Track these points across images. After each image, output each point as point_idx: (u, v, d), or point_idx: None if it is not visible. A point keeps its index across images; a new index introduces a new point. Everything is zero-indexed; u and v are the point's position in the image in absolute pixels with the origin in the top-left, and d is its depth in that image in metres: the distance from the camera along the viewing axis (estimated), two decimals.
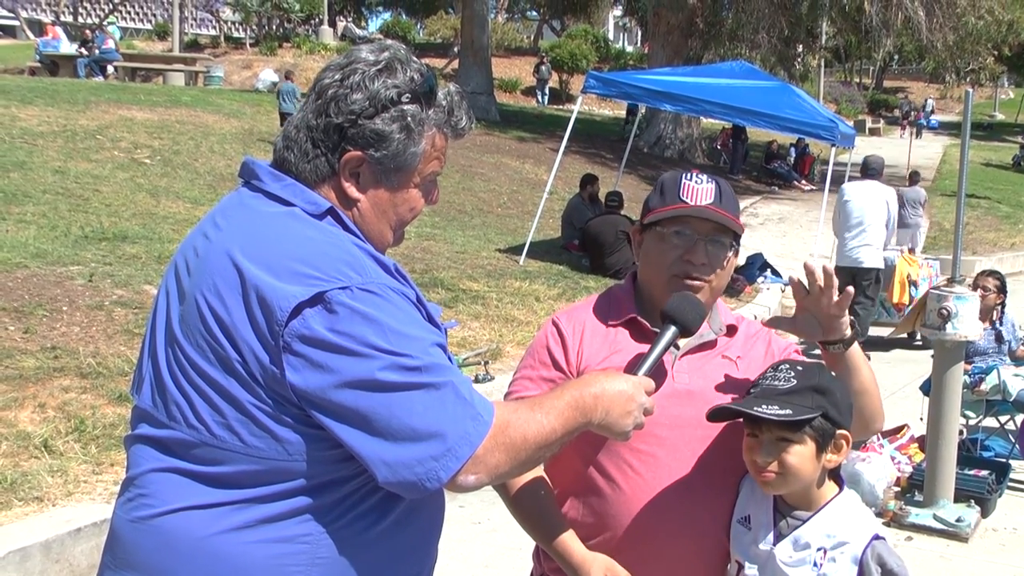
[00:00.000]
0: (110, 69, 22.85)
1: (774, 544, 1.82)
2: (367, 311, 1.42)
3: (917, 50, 31.24)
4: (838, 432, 1.80)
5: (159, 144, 13.43)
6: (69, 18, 33.34)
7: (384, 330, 1.42)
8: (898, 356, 8.55)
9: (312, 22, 35.81)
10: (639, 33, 52.63)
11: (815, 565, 1.78)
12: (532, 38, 45.93)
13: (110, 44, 23.93)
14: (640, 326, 1.93)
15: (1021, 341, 6.35)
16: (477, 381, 5.95)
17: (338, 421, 1.43)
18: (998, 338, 6.21)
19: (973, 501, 4.92)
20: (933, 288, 5.28)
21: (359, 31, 38.71)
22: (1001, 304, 6.24)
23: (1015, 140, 32.96)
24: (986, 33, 21.69)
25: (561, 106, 30.72)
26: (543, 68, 31.71)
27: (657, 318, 1.88)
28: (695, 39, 21.24)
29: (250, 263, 1.47)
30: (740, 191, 18.69)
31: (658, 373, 1.79)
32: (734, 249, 1.93)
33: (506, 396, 1.97)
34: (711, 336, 1.94)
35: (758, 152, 23.35)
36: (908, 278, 9.21)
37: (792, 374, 1.78)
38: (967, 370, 5.70)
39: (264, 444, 1.46)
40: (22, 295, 6.04)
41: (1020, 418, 5.76)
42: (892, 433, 5.67)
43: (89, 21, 33.25)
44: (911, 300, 8.84)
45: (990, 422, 6.03)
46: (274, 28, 34.64)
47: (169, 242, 8.25)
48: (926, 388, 5.51)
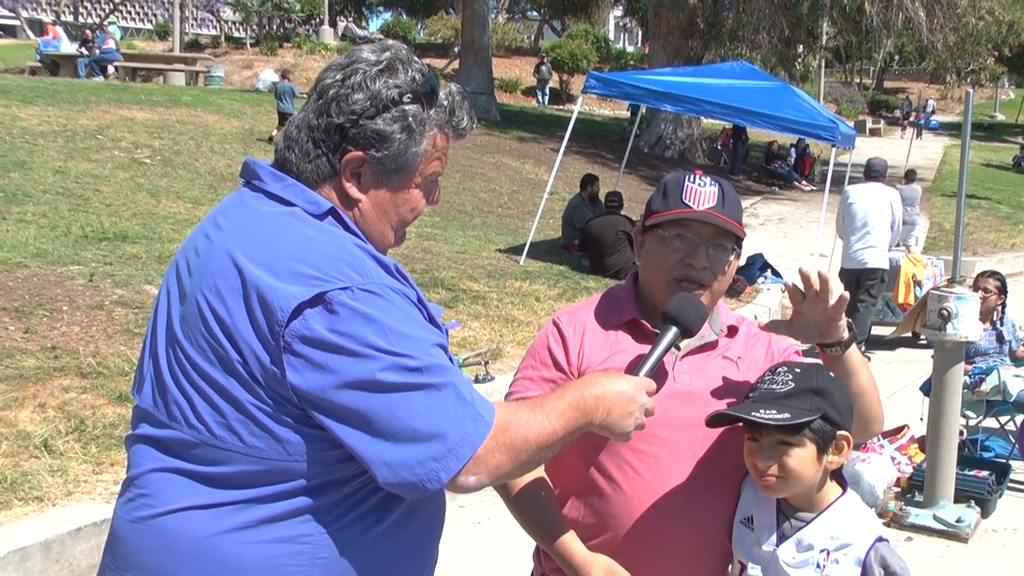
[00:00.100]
0: (110, 69, 22.83)
1: (777, 545, 1.81)
2: (368, 311, 1.42)
3: (918, 51, 31.26)
4: (838, 433, 1.79)
5: (159, 144, 13.43)
6: (69, 18, 33.35)
7: (385, 331, 1.42)
8: (898, 356, 8.55)
9: (313, 22, 35.83)
10: (640, 33, 52.64)
11: (818, 567, 1.78)
12: (532, 38, 45.95)
13: (110, 44, 23.93)
14: (641, 327, 1.93)
15: (1022, 342, 6.35)
16: (477, 381, 5.95)
17: (338, 422, 1.42)
18: (999, 338, 6.21)
19: (973, 502, 4.92)
20: (933, 289, 5.27)
21: (360, 31, 38.70)
22: (1002, 304, 6.25)
23: (1015, 141, 32.95)
24: (986, 34, 21.69)
25: (561, 106, 30.71)
26: (543, 68, 31.70)
27: (658, 319, 1.88)
28: (696, 39, 21.23)
29: (251, 263, 1.47)
30: (740, 191, 18.67)
31: (659, 374, 1.79)
32: (735, 253, 1.93)
33: (507, 396, 1.97)
34: (712, 337, 1.94)
35: (758, 152, 23.34)
36: (913, 278, 9.23)
37: (790, 377, 1.78)
38: (967, 371, 5.70)
39: (264, 444, 1.46)
40: (22, 295, 6.04)
41: (1020, 419, 5.76)
42: (892, 433, 5.66)
43: (90, 21, 33.26)
44: (916, 300, 8.85)
45: (990, 423, 6.02)
46: (274, 28, 34.65)
47: (169, 242, 8.25)
48: (926, 388, 5.51)
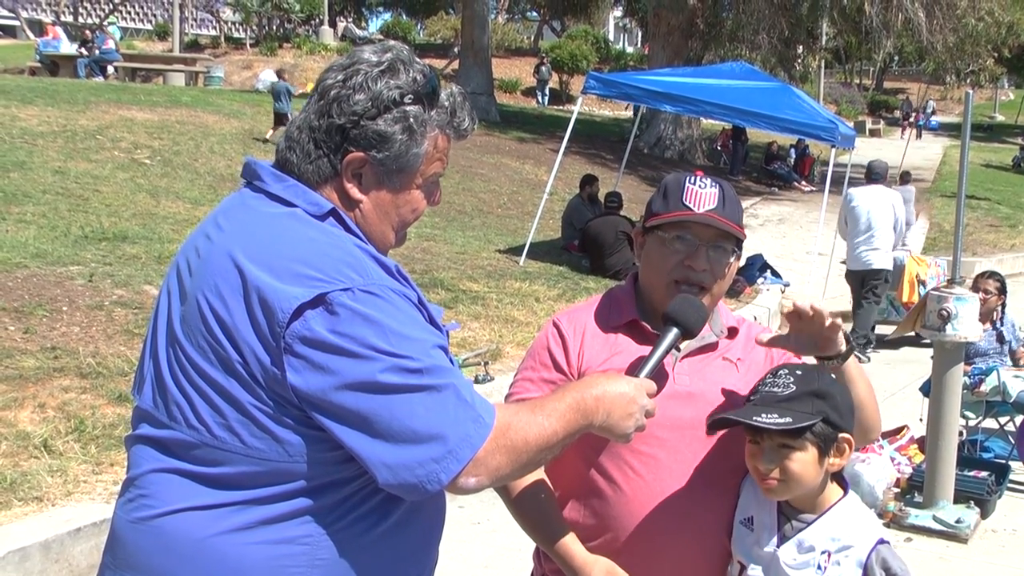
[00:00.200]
0: (110, 69, 22.83)
1: (778, 546, 1.81)
2: (368, 313, 1.42)
3: (917, 51, 31.29)
4: (840, 436, 1.79)
5: (159, 144, 13.42)
6: (69, 18, 33.34)
7: (385, 332, 1.42)
8: (897, 357, 8.54)
9: (312, 22, 35.84)
10: (639, 34, 52.65)
11: (819, 568, 1.77)
12: (532, 39, 45.94)
13: (110, 44, 23.93)
14: (641, 328, 1.93)
15: (1022, 342, 6.36)
16: (477, 382, 5.95)
17: (339, 423, 1.42)
18: (999, 339, 6.21)
19: (973, 502, 4.92)
20: (933, 289, 5.28)
21: (359, 32, 38.69)
22: (1002, 305, 6.25)
23: (1015, 141, 32.94)
24: (986, 35, 21.70)
25: (561, 107, 30.71)
26: (543, 69, 31.70)
27: (658, 321, 1.88)
28: (695, 40, 21.23)
29: (252, 264, 1.46)
30: (740, 192, 18.56)
31: (659, 375, 1.79)
32: (736, 255, 1.93)
33: (507, 397, 1.97)
34: (712, 338, 1.94)
35: (758, 153, 23.34)
36: (917, 277, 9.26)
37: (791, 379, 1.77)
38: (967, 371, 5.70)
39: (264, 445, 1.46)
40: (22, 295, 6.04)
41: (1020, 419, 5.76)
42: (892, 434, 5.66)
43: (89, 21, 33.25)
44: (920, 299, 8.89)
45: (990, 423, 6.02)
46: (274, 28, 34.67)
47: (169, 242, 8.25)
48: (926, 389, 5.51)
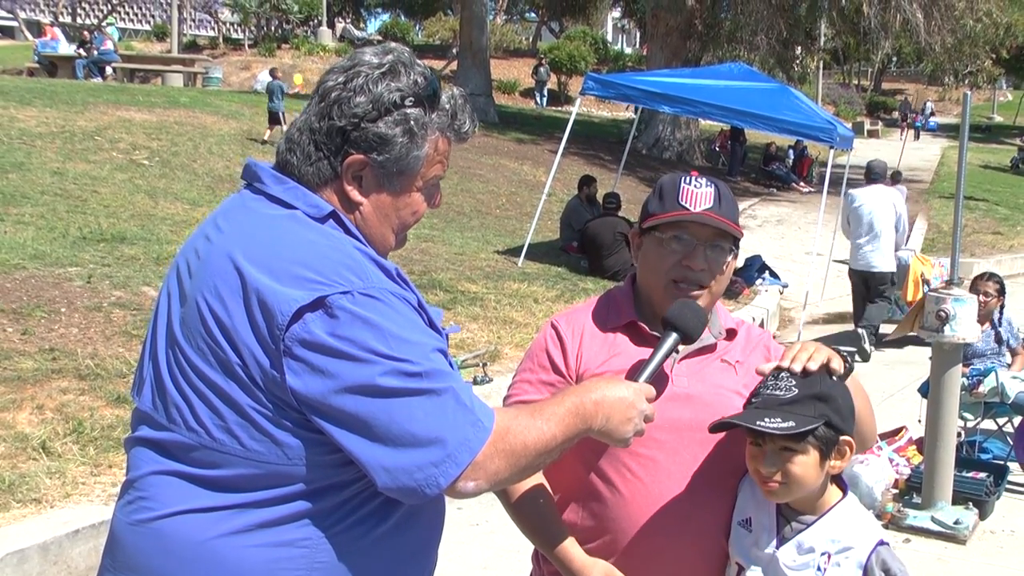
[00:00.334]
0: (108, 70, 22.80)
1: (777, 547, 1.81)
2: (368, 316, 1.42)
3: (915, 52, 31.31)
4: (841, 439, 1.78)
5: (157, 145, 13.41)
6: (68, 19, 33.33)
7: (385, 335, 1.42)
8: (896, 358, 8.54)
9: (311, 23, 35.85)
10: (638, 35, 52.69)
11: (819, 569, 1.77)
12: (531, 40, 45.96)
13: (108, 45, 23.90)
14: (639, 330, 1.92)
15: (1021, 341, 6.36)
16: (475, 383, 5.95)
17: (338, 426, 1.42)
18: (997, 340, 6.22)
19: (971, 503, 4.92)
20: (931, 290, 5.28)
21: (358, 32, 38.72)
22: (1000, 306, 6.26)
23: (1013, 142, 32.94)
24: (984, 35, 21.72)
25: (560, 108, 30.71)
26: (542, 70, 31.71)
27: (656, 322, 1.87)
28: (693, 41, 21.24)
29: (251, 266, 1.46)
30: (738, 193, 18.70)
31: (659, 379, 1.79)
32: (733, 253, 1.93)
33: (505, 399, 1.97)
34: (710, 340, 1.93)
35: (756, 154, 23.36)
36: (922, 276, 9.31)
37: (793, 382, 1.77)
38: (965, 372, 5.70)
39: (264, 448, 1.46)
40: (20, 296, 6.03)
41: (1018, 420, 5.76)
42: (890, 435, 5.66)
43: (88, 22, 33.25)
44: None
45: (988, 424, 6.02)
46: (273, 29, 34.67)
47: (167, 243, 8.24)
48: (924, 390, 5.51)
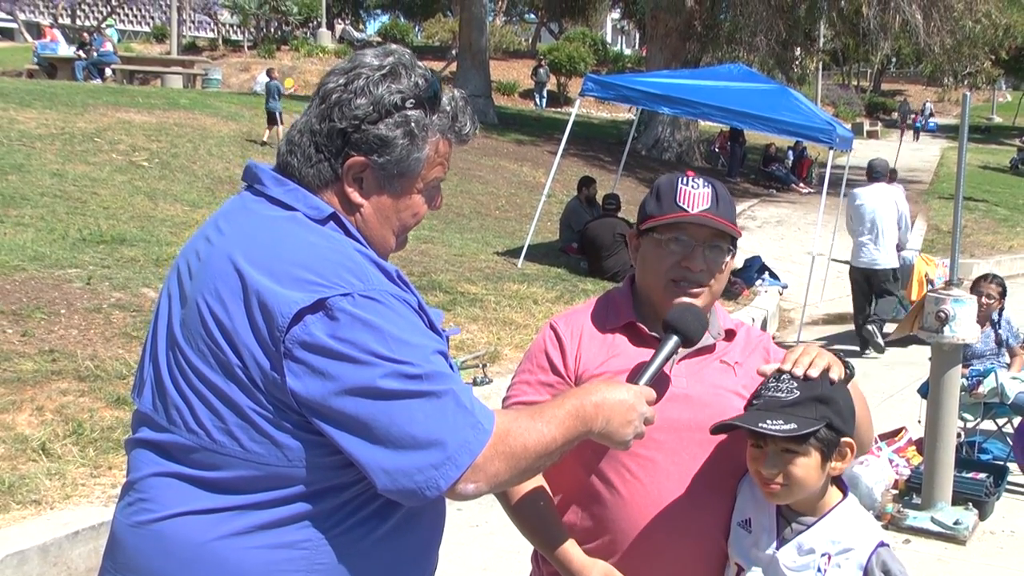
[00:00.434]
0: (108, 72, 22.81)
1: (777, 548, 1.81)
2: (368, 318, 1.42)
3: (915, 53, 31.32)
4: (842, 440, 1.79)
5: (157, 147, 13.41)
6: (67, 20, 33.35)
7: (385, 337, 1.42)
8: (896, 359, 8.55)
9: (310, 25, 35.86)
10: (637, 36, 52.71)
11: (819, 570, 1.77)
12: (530, 41, 45.98)
13: (108, 47, 23.94)
14: (638, 331, 1.92)
15: (1020, 341, 6.36)
16: (475, 384, 5.95)
17: (338, 428, 1.42)
18: (997, 340, 6.21)
19: (971, 504, 4.92)
20: (931, 291, 5.28)
21: (357, 34, 38.73)
22: (1000, 307, 6.26)
23: (1012, 143, 32.95)
24: (983, 37, 21.71)
25: (559, 109, 30.70)
26: (541, 71, 31.70)
27: (655, 323, 1.88)
28: (693, 42, 21.24)
29: (252, 268, 1.46)
30: (738, 194, 18.71)
31: (659, 381, 1.79)
32: (731, 253, 1.93)
33: (504, 400, 1.97)
34: (710, 341, 1.93)
35: (756, 155, 23.37)
36: (926, 276, 9.33)
37: (794, 384, 1.77)
38: (965, 373, 5.70)
39: (264, 450, 1.46)
40: (20, 298, 6.03)
41: (1017, 421, 5.76)
42: (890, 436, 5.67)
43: (87, 24, 33.26)
44: None
45: (988, 425, 6.03)
46: (272, 31, 34.69)
47: (167, 245, 8.24)
48: (924, 391, 5.52)
